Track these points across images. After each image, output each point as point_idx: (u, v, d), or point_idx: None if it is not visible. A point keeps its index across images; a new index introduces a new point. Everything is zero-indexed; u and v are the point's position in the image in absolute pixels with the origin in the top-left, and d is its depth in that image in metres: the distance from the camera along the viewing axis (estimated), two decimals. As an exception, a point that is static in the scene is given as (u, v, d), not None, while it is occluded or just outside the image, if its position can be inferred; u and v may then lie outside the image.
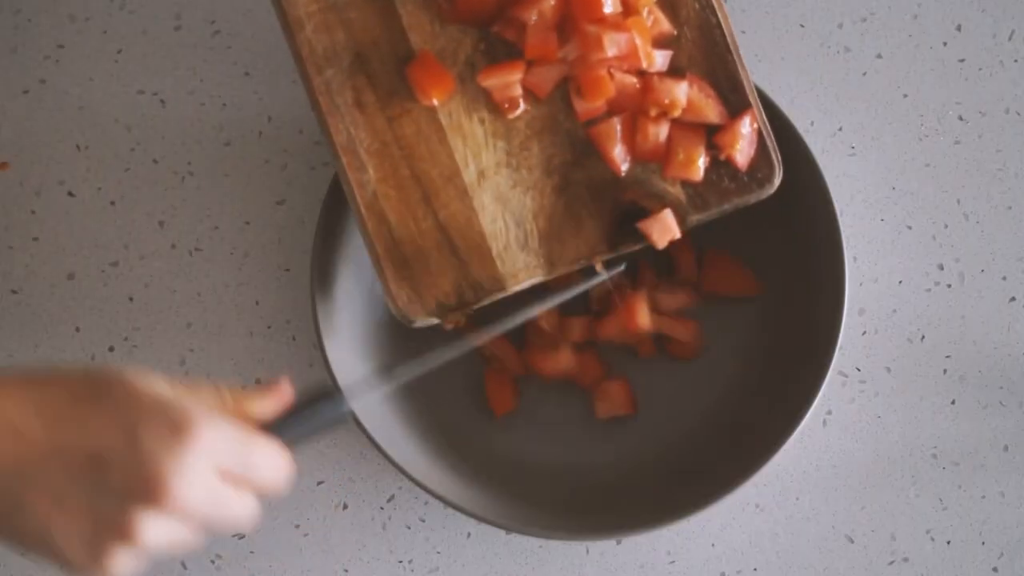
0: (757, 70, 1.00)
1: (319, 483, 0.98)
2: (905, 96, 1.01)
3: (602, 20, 0.83)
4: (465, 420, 0.97)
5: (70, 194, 1.00)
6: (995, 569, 0.97)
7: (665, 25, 0.85)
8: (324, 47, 0.85)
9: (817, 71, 1.01)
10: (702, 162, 0.85)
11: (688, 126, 0.85)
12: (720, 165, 0.86)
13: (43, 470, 0.64)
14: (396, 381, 0.81)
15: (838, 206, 0.92)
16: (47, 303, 0.99)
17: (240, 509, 0.68)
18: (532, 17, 0.83)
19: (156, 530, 0.65)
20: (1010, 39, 1.01)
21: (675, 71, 0.85)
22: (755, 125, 0.86)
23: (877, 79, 1.01)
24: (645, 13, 0.84)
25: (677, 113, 0.85)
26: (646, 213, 0.86)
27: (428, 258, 0.86)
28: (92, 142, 1.00)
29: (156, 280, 1.00)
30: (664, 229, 0.85)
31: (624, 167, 0.86)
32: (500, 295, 0.87)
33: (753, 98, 0.86)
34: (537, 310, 0.86)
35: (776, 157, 0.86)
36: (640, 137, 0.85)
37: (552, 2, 0.83)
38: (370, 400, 0.93)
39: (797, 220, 0.94)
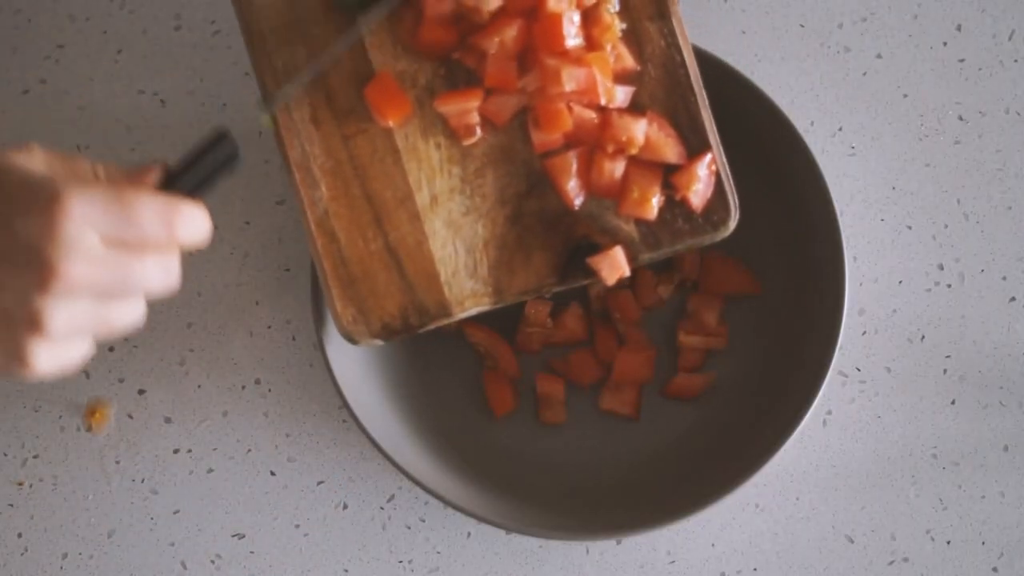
0: (757, 70, 1.00)
1: (319, 483, 0.98)
2: (905, 96, 1.01)
3: (564, 54, 0.82)
4: (465, 420, 0.97)
5: (70, 194, 1.00)
6: (995, 569, 0.97)
7: (629, 61, 0.84)
8: (284, 61, 0.85)
9: (817, 71, 1.01)
10: (656, 201, 0.84)
11: (645, 164, 0.84)
12: (675, 205, 0.85)
13: None
14: (284, 98, 0.81)
15: (838, 206, 0.92)
16: (47, 303, 0.99)
17: (146, 270, 0.66)
18: (493, 46, 0.83)
19: (63, 314, 0.64)
20: (1010, 39, 1.01)
21: (636, 108, 0.84)
22: (713, 167, 0.84)
23: (877, 79, 1.01)
24: (609, 48, 0.83)
25: (635, 151, 0.84)
26: (598, 248, 0.85)
27: (375, 279, 0.86)
28: (92, 142, 1.00)
29: (156, 280, 1.00)
30: (613, 266, 0.84)
31: (578, 201, 0.85)
32: (446, 321, 0.86)
33: (713, 139, 0.85)
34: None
35: (733, 201, 0.85)
36: (595, 172, 0.84)
37: (514, 32, 0.82)
38: (370, 400, 0.93)
39: (797, 220, 0.94)
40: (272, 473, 0.98)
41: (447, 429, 0.96)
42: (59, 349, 0.66)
